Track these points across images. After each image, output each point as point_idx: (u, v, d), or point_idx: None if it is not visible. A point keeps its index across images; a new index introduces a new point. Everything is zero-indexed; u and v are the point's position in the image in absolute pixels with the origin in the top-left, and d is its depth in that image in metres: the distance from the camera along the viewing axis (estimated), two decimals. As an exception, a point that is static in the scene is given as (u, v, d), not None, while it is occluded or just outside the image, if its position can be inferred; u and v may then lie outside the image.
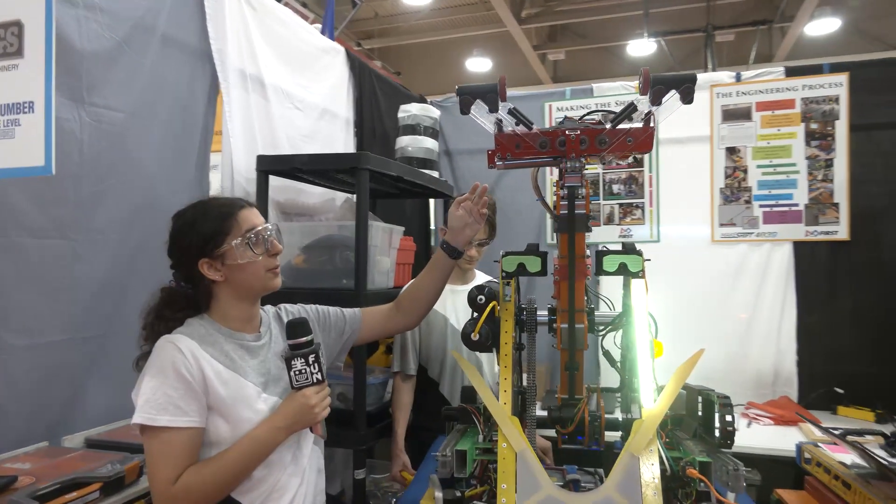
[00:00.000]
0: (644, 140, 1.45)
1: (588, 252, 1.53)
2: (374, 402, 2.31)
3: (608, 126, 1.45)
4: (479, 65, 10.59)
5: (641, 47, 9.50)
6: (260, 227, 1.50)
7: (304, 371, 1.42)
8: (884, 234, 3.24)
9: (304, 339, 1.43)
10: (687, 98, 1.42)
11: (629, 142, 1.45)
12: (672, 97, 1.42)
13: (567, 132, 1.44)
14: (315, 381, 1.44)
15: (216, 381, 1.40)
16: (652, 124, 1.44)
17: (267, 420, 1.43)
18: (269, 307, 1.69)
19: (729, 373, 3.28)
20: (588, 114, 1.57)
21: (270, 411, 1.46)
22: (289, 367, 1.43)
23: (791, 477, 2.28)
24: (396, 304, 1.91)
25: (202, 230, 1.46)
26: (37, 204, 1.85)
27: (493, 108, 1.46)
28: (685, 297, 3.27)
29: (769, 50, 9.90)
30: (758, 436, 2.81)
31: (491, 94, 1.45)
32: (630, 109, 1.45)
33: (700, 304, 3.39)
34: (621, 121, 1.45)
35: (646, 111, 1.44)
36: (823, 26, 8.67)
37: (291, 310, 1.74)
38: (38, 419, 1.88)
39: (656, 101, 1.41)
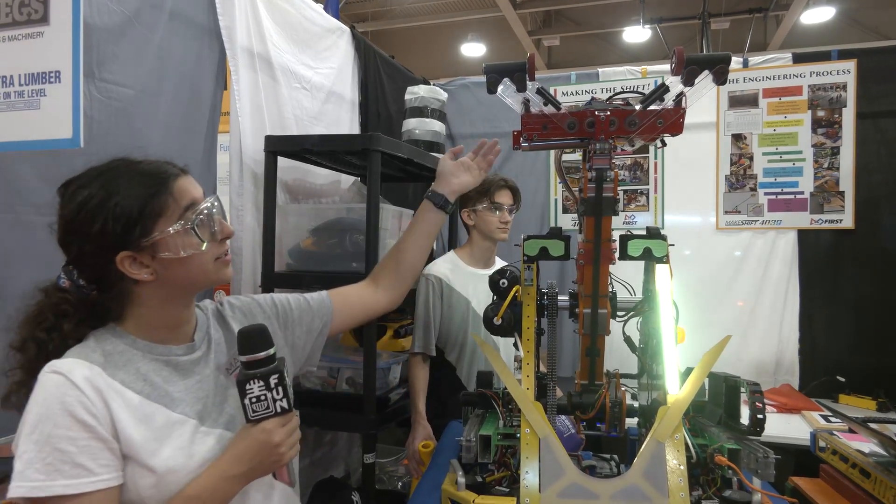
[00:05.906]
0: (675, 122, 1.42)
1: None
2: (381, 386, 2.29)
3: (637, 107, 1.43)
4: (473, 50, 10.56)
5: (637, 34, 9.47)
6: (204, 204, 1.12)
7: (263, 398, 1.05)
8: (888, 222, 3.24)
9: (262, 353, 1.06)
10: (720, 78, 1.39)
11: (660, 124, 1.42)
12: (705, 77, 1.40)
13: (597, 113, 1.41)
14: (279, 410, 1.06)
15: (130, 420, 1.02)
16: (684, 105, 1.42)
17: (213, 466, 1.05)
18: (206, 302, 1.30)
19: (731, 361, 3.28)
20: (614, 95, 1.55)
21: (212, 451, 1.09)
22: (243, 394, 1.04)
23: (798, 464, 2.29)
24: (373, 281, 1.57)
25: (123, 210, 1.04)
26: (45, 180, 1.78)
27: (521, 88, 1.42)
28: (689, 285, 3.25)
29: (764, 38, 9.92)
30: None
31: (519, 73, 1.41)
32: (662, 90, 1.42)
33: (704, 291, 3.39)
34: (652, 102, 1.42)
35: (677, 92, 1.42)
36: (818, 15, 8.72)
37: (238, 303, 1.34)
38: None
39: (689, 81, 1.38)
